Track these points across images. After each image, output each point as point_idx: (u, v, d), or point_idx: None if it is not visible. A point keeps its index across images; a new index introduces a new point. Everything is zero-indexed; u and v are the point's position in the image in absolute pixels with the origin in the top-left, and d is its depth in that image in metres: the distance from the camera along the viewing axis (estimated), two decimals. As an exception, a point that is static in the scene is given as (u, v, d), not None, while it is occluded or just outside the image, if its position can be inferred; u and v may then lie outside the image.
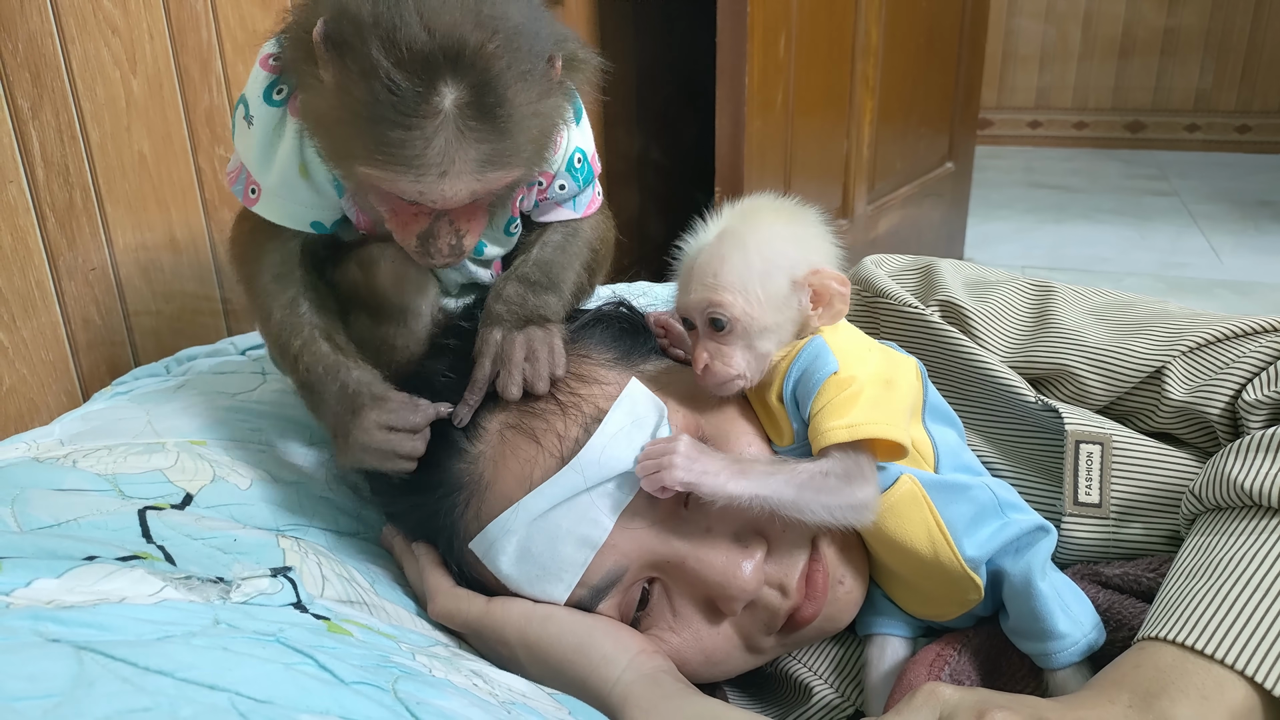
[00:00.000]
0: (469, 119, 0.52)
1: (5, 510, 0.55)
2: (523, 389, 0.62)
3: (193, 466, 0.66)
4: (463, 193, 0.55)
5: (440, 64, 0.51)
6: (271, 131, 0.63)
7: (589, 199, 0.72)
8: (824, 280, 0.60)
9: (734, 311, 0.59)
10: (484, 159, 0.54)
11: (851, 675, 0.68)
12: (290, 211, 0.65)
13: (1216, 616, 0.50)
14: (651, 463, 0.57)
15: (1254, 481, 0.55)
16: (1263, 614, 0.49)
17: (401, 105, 0.51)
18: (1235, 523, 0.55)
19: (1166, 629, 0.51)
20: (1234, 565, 0.52)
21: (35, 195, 0.84)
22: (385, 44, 0.51)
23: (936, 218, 2.51)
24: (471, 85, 0.52)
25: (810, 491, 0.56)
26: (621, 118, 2.07)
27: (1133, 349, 0.68)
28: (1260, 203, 3.16)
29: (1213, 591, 0.52)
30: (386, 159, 0.53)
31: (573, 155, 0.68)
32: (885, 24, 2.06)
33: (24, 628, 0.40)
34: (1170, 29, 3.65)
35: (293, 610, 0.52)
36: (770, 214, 0.63)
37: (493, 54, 0.52)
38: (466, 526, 0.63)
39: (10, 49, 0.80)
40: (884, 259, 0.80)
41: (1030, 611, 0.57)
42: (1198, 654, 0.49)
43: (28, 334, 0.84)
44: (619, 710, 0.57)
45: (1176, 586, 0.54)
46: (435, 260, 0.59)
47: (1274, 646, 0.48)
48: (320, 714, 0.40)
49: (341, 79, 0.53)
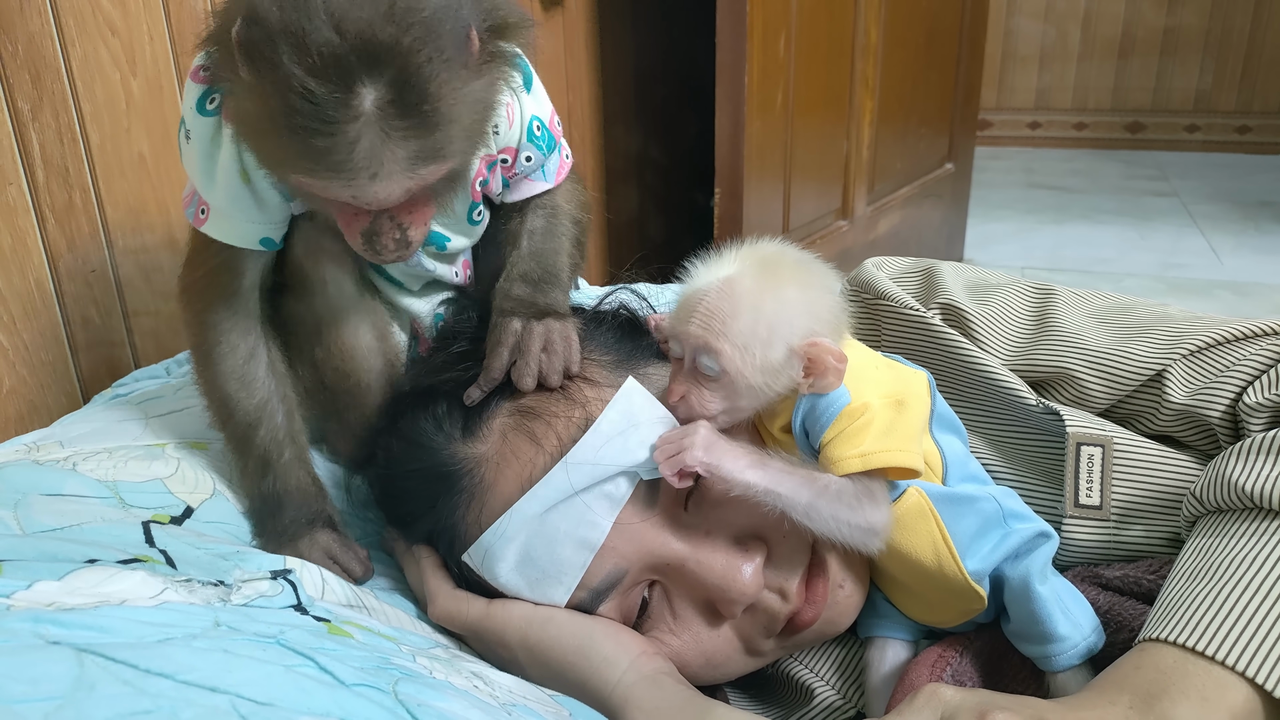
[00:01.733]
0: (392, 118, 0.50)
1: (7, 513, 0.55)
2: (537, 380, 0.62)
3: (193, 477, 0.66)
4: (396, 192, 0.54)
5: (354, 66, 0.49)
6: (209, 143, 0.62)
7: (558, 164, 0.71)
8: (820, 353, 0.57)
9: (728, 366, 0.57)
10: (414, 156, 0.52)
11: (853, 677, 0.68)
12: (239, 230, 0.64)
13: (1218, 618, 0.50)
14: (671, 445, 0.57)
15: (1255, 484, 0.55)
16: (1263, 616, 0.49)
17: (320, 113, 0.49)
18: (1236, 525, 0.55)
19: (1168, 631, 0.51)
20: (1235, 567, 0.52)
21: (35, 196, 0.84)
22: (296, 51, 0.48)
23: (936, 218, 2.51)
24: (390, 83, 0.50)
25: (825, 501, 0.56)
26: (621, 117, 2.07)
27: (1133, 353, 0.68)
28: (1260, 203, 3.16)
29: (1214, 593, 0.52)
30: (314, 166, 0.51)
31: (530, 124, 0.67)
32: (885, 24, 2.06)
33: (25, 630, 0.40)
34: (1170, 29, 3.66)
35: (293, 612, 0.52)
36: (789, 274, 0.60)
37: (409, 48, 0.49)
38: (467, 529, 0.63)
39: (10, 51, 0.80)
40: (885, 261, 0.80)
41: (1030, 614, 0.57)
42: (1199, 655, 0.49)
43: (27, 335, 0.84)
44: (620, 712, 0.57)
45: (1178, 588, 0.54)
46: (384, 257, 0.58)
47: (1275, 648, 0.48)
48: (321, 716, 0.40)
49: (259, 87, 0.51)
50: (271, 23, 0.49)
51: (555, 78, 1.81)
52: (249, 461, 0.67)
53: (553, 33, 1.79)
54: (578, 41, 1.87)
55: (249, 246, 0.65)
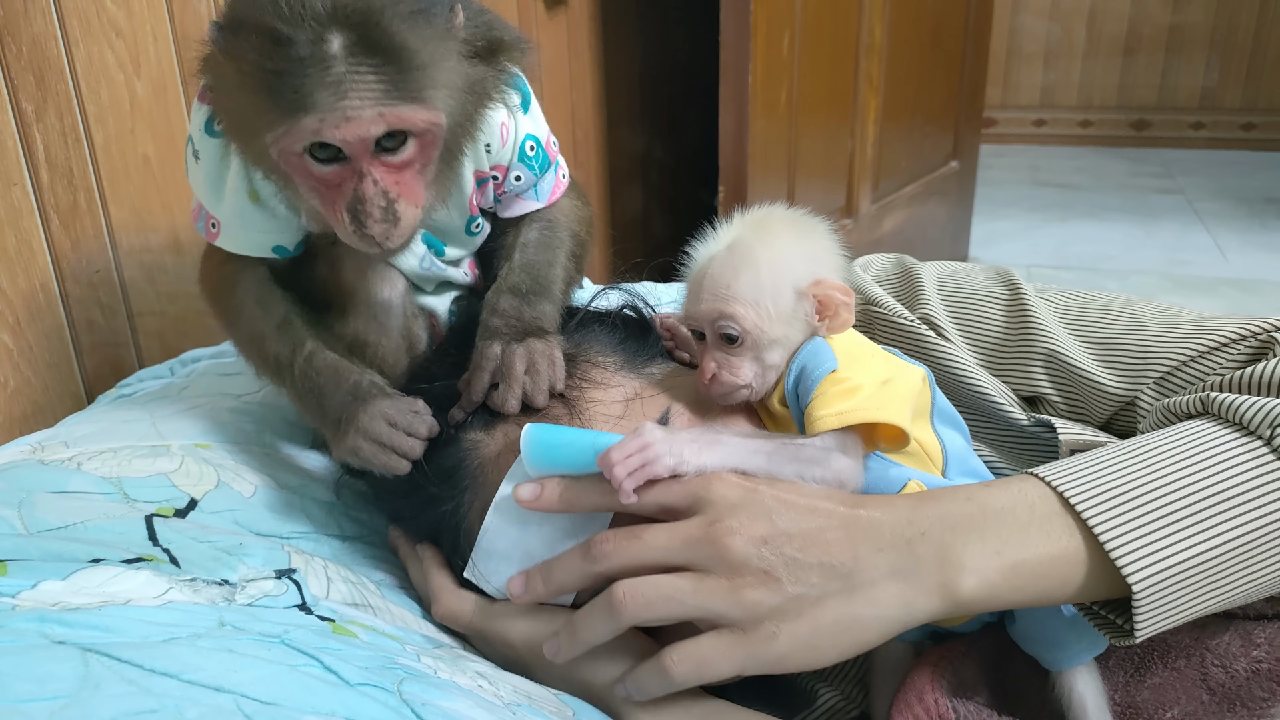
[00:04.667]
0: (359, 54, 0.53)
1: (11, 513, 0.55)
2: (522, 402, 0.62)
3: (197, 470, 0.66)
4: (367, 117, 0.53)
5: (322, 13, 0.52)
6: (218, 163, 0.63)
7: (551, 185, 0.71)
8: (827, 291, 0.59)
9: (746, 325, 0.59)
10: (383, 89, 0.54)
11: (856, 678, 0.68)
12: (251, 240, 0.65)
13: (1087, 465, 0.51)
14: (635, 459, 0.54)
15: (1235, 403, 0.53)
16: (1121, 463, 0.50)
17: (291, 56, 0.52)
18: (1186, 424, 0.54)
19: (1046, 471, 0.52)
20: (1148, 441, 0.52)
21: (40, 198, 0.84)
22: (270, 9, 0.52)
23: (941, 216, 2.51)
24: (360, 26, 0.52)
25: (782, 460, 0.55)
26: (625, 117, 2.07)
27: (1103, 384, 0.67)
28: (1266, 200, 3.15)
29: (1111, 456, 0.52)
30: (286, 110, 0.53)
31: (524, 144, 0.68)
32: (889, 22, 2.06)
33: (30, 630, 0.41)
34: (1175, 26, 3.64)
35: (298, 612, 0.52)
36: (780, 226, 0.63)
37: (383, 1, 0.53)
38: (470, 528, 0.63)
39: (15, 52, 0.80)
40: (870, 261, 0.80)
41: (1037, 616, 0.57)
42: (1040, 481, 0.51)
43: (32, 336, 0.84)
44: (623, 711, 0.57)
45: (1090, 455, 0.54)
46: (372, 231, 0.56)
47: (1125, 505, 0.49)
48: (325, 715, 0.40)
49: (236, 56, 0.54)
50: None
51: (559, 77, 1.81)
52: (284, 377, 0.67)
53: (557, 32, 1.79)
54: (582, 41, 1.87)
55: (262, 255, 0.67)
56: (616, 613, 0.52)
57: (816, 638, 0.49)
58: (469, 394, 0.63)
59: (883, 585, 0.49)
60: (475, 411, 0.64)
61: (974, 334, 0.73)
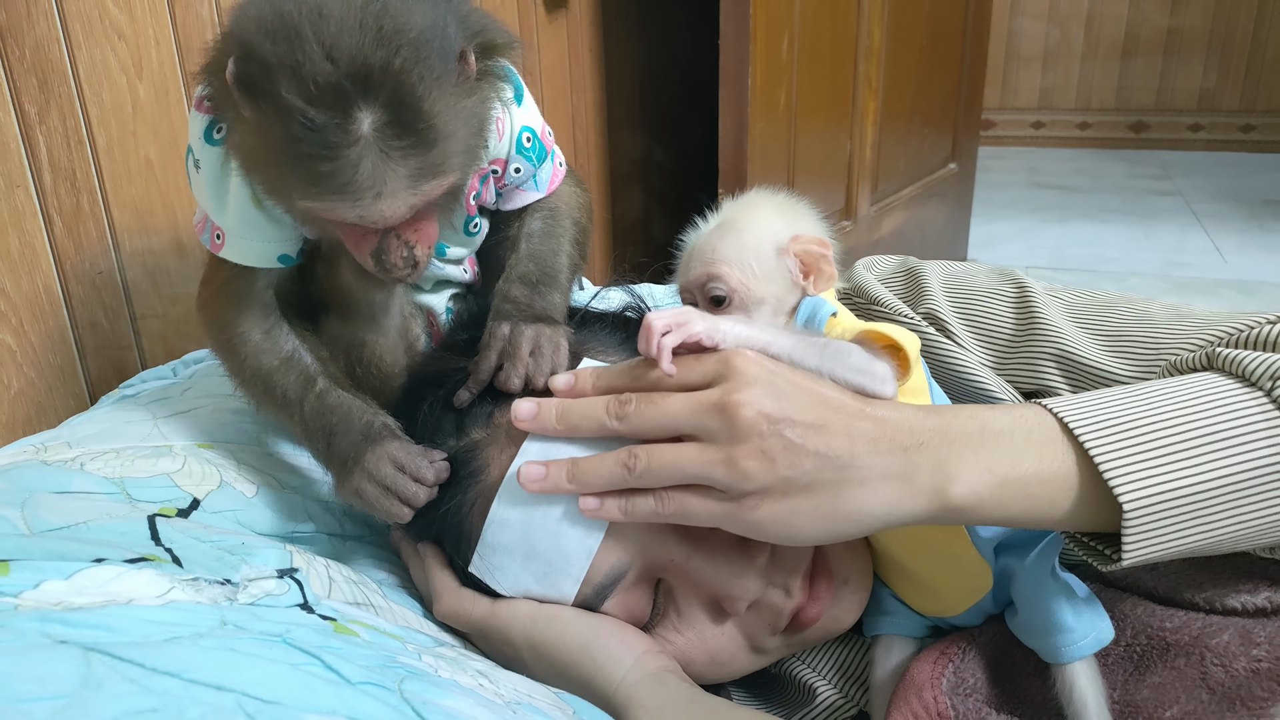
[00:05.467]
0: (390, 138, 0.52)
1: (14, 512, 0.55)
2: (524, 382, 0.63)
3: (199, 471, 0.67)
4: (401, 209, 0.55)
5: (350, 92, 0.50)
6: (219, 171, 0.63)
7: (550, 174, 0.72)
8: (804, 245, 0.61)
9: (731, 282, 0.61)
10: (415, 173, 0.54)
11: (855, 676, 0.68)
12: (256, 250, 0.65)
13: (1090, 399, 0.52)
14: (672, 320, 0.56)
15: (1241, 357, 0.54)
16: (1141, 416, 0.51)
17: (321, 139, 0.51)
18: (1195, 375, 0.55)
19: (1055, 404, 0.53)
20: (1143, 385, 0.54)
21: (43, 200, 0.84)
22: (293, 82, 0.50)
23: (940, 218, 2.51)
24: (386, 105, 0.51)
25: (831, 359, 0.56)
26: (625, 120, 2.08)
27: (1111, 370, 0.68)
28: (1264, 202, 3.15)
29: (1121, 396, 0.53)
30: (319, 191, 0.53)
31: (520, 135, 0.69)
32: (888, 25, 2.06)
33: (32, 629, 0.41)
34: (1173, 28, 3.65)
35: (299, 611, 0.53)
36: (762, 200, 0.66)
37: (400, 69, 0.51)
38: (472, 527, 0.63)
39: (17, 55, 0.81)
40: (874, 261, 0.80)
41: (1040, 607, 0.57)
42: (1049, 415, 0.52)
43: (35, 338, 0.85)
44: (624, 710, 0.57)
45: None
46: (394, 275, 0.59)
47: (1123, 434, 0.50)
48: (327, 714, 0.40)
49: (260, 120, 0.53)
50: (265, 57, 0.51)
51: (559, 81, 1.81)
52: (292, 413, 0.67)
53: (557, 36, 1.79)
54: (582, 45, 1.88)
55: (267, 266, 0.66)
56: (626, 465, 0.55)
57: (795, 518, 0.52)
58: (476, 374, 0.64)
59: (873, 484, 0.51)
60: (480, 394, 0.64)
61: (981, 329, 0.73)
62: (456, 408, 0.64)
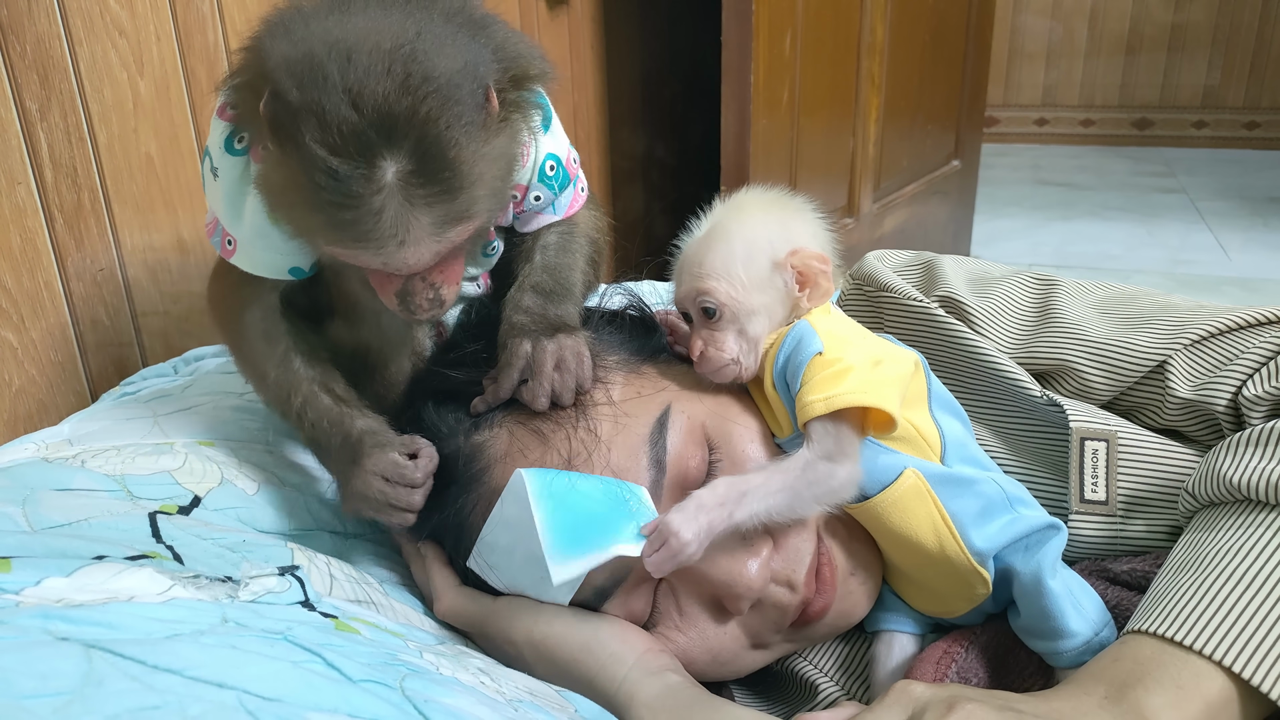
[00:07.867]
0: (415, 187, 0.51)
1: (16, 510, 0.55)
2: (550, 399, 0.62)
3: (200, 468, 0.67)
4: (425, 257, 0.55)
5: (374, 140, 0.50)
6: (238, 181, 0.62)
7: (569, 200, 0.71)
8: (804, 260, 0.61)
9: (720, 297, 0.61)
10: (439, 220, 0.53)
11: (858, 673, 0.68)
12: (267, 260, 0.65)
13: (1198, 609, 0.50)
14: (661, 545, 0.56)
15: (1244, 476, 0.55)
16: (1244, 606, 0.49)
17: (344, 188, 0.50)
18: (1226, 518, 0.55)
19: (1147, 622, 0.51)
20: (1219, 559, 0.52)
21: (44, 196, 0.84)
22: (317, 128, 0.50)
23: (943, 215, 2.51)
24: (410, 153, 0.51)
25: (801, 489, 0.56)
26: (627, 118, 2.08)
27: (1134, 344, 0.68)
28: (1268, 199, 3.15)
29: (1196, 585, 0.51)
30: (342, 238, 0.53)
31: (544, 164, 0.68)
32: (891, 22, 2.06)
33: (34, 626, 0.41)
34: (1177, 25, 3.64)
35: (300, 608, 0.53)
36: (756, 203, 0.65)
37: (426, 117, 0.50)
38: (474, 526, 0.63)
39: (19, 51, 0.81)
40: (887, 254, 0.80)
41: (1041, 610, 0.57)
42: (1176, 645, 0.49)
43: (36, 335, 0.85)
44: (625, 709, 0.57)
45: (1164, 582, 0.54)
46: (419, 316, 0.59)
47: (1253, 638, 0.48)
48: (328, 712, 0.40)
49: (285, 164, 0.53)
50: (291, 100, 0.50)
51: (561, 78, 1.81)
52: (286, 415, 0.67)
53: (558, 33, 1.79)
54: (583, 42, 1.87)
55: (278, 277, 0.66)
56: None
57: None
58: (496, 390, 0.63)
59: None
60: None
61: (1001, 309, 0.73)
62: (471, 415, 0.64)
